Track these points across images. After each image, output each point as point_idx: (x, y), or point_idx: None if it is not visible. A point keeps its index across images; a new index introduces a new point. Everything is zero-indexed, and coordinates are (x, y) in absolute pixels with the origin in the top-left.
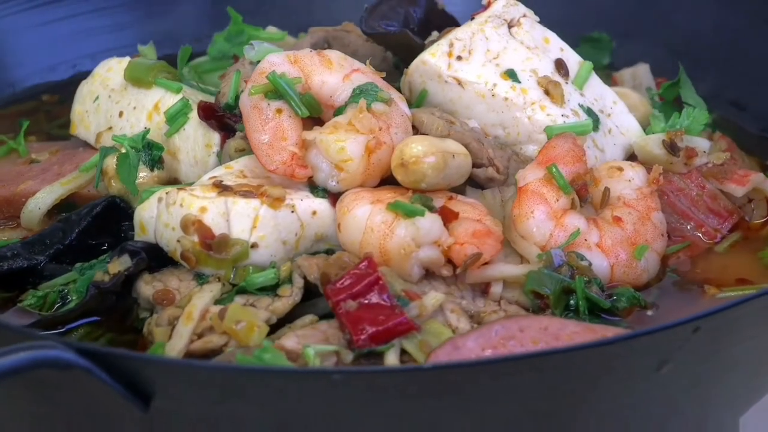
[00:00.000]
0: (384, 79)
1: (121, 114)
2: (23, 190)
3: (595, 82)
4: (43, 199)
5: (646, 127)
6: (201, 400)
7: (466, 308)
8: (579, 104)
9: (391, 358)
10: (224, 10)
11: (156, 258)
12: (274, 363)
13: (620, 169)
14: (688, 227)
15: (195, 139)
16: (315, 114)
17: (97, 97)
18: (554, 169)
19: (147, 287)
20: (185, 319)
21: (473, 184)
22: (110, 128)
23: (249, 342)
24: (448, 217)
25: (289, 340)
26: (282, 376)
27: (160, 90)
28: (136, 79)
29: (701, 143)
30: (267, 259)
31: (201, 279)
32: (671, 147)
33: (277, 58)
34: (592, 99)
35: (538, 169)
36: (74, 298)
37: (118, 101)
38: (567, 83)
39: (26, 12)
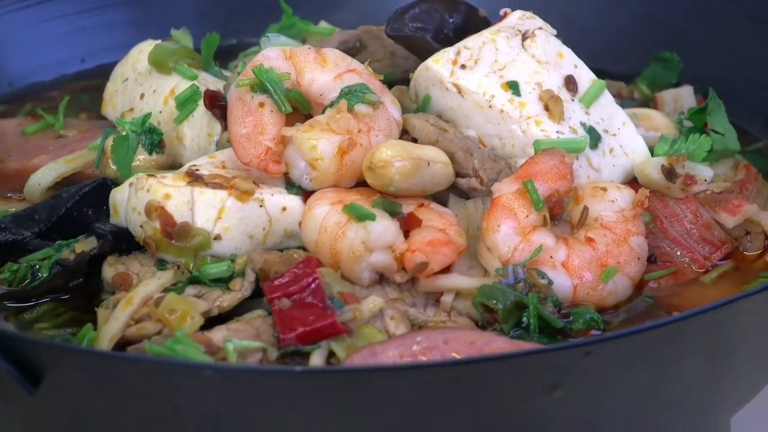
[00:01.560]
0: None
1: (142, 96)
2: (34, 165)
3: (606, 101)
4: (44, 175)
5: None
6: (87, 386)
7: (413, 316)
8: (581, 122)
9: (315, 359)
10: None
11: (127, 241)
12: (184, 354)
13: (604, 189)
14: (678, 253)
15: (201, 127)
16: (304, 111)
17: (126, 79)
18: (529, 185)
19: (110, 269)
20: (124, 304)
21: (459, 193)
22: (132, 109)
23: (179, 330)
24: (411, 224)
25: (219, 333)
26: (157, 367)
27: (178, 76)
28: (158, 63)
29: (703, 171)
30: (231, 252)
31: (161, 266)
32: (668, 172)
33: (272, 53)
34: (599, 118)
35: (515, 182)
36: (44, 274)
37: (142, 84)
38: (573, 100)
39: None
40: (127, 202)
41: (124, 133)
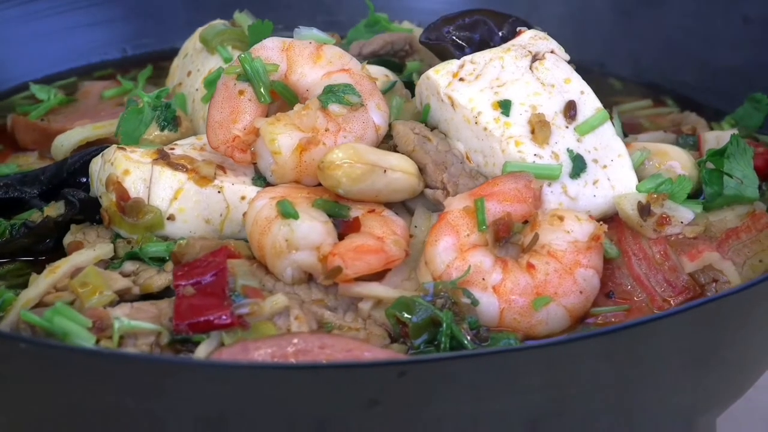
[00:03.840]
0: None
1: (189, 74)
2: (72, 127)
3: (606, 132)
4: (67, 137)
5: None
6: None
7: (328, 320)
8: (568, 149)
9: (201, 350)
10: None
11: (99, 211)
12: (60, 326)
13: (561, 218)
14: (638, 291)
15: None
16: (291, 105)
17: (186, 54)
18: (479, 203)
19: (70, 236)
20: (48, 272)
21: (432, 205)
22: (180, 84)
23: (86, 303)
24: (351, 228)
25: (120, 310)
26: None
27: (219, 57)
28: (205, 42)
29: (683, 212)
30: (186, 234)
31: (115, 239)
32: (642, 209)
33: (270, 43)
34: (591, 147)
35: (467, 199)
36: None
37: (194, 61)
38: (568, 127)
39: None
40: (98, 173)
41: (140, 105)
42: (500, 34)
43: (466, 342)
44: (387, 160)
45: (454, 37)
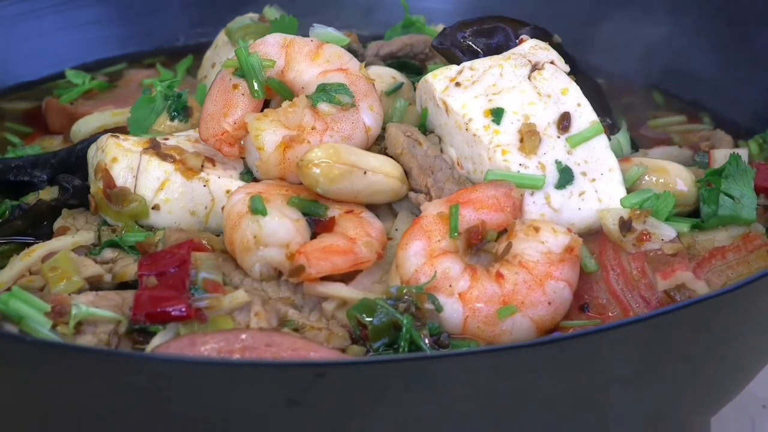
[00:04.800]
0: None
1: (213, 65)
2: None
3: (598, 145)
4: (86, 122)
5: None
6: None
7: (291, 317)
8: (557, 160)
9: (155, 341)
10: None
11: None
12: (15, 309)
13: (536, 229)
14: (613, 306)
15: None
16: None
17: (216, 46)
18: (454, 209)
19: (59, 221)
20: (24, 255)
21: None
22: (206, 76)
23: (53, 288)
24: (325, 227)
25: (85, 297)
26: None
27: None
28: (229, 35)
29: (665, 230)
30: (170, 224)
31: (102, 226)
32: (623, 224)
33: (272, 39)
34: (581, 159)
35: (443, 205)
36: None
37: (219, 53)
38: (560, 137)
39: None
40: (92, 160)
41: (153, 94)
42: (517, 41)
43: (424, 347)
44: (368, 162)
45: (469, 43)
